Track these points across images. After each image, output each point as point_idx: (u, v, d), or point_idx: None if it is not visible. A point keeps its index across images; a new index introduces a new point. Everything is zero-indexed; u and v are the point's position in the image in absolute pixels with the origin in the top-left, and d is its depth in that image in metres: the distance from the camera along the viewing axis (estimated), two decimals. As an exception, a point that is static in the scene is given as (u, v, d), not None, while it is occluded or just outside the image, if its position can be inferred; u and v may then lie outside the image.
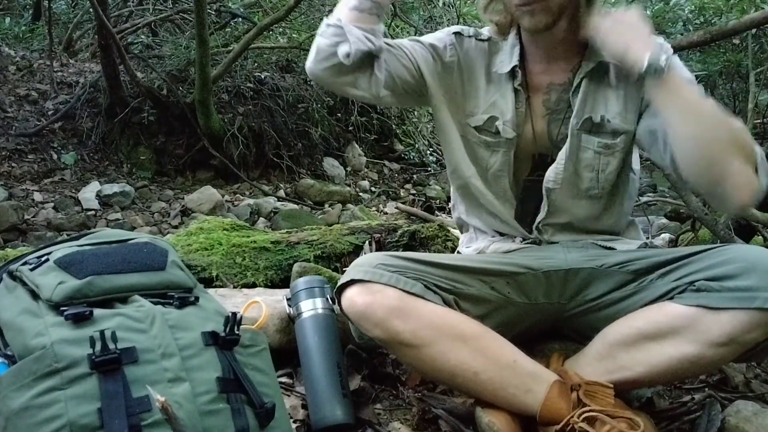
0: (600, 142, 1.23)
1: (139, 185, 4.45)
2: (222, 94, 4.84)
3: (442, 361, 1.11)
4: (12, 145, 4.31)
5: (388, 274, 1.12)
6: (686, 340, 1.06)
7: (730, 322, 1.02)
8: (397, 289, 1.11)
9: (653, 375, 1.11)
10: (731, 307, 1.02)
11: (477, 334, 1.13)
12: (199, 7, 4.01)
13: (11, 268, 1.04)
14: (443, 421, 1.22)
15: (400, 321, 1.10)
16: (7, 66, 5.01)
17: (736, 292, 1.02)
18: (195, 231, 1.88)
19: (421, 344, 1.10)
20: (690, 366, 1.08)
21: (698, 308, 1.05)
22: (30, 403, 0.79)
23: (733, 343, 1.03)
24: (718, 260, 1.08)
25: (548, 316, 1.26)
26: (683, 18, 3.82)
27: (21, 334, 0.88)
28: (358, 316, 1.13)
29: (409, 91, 1.27)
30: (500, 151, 1.27)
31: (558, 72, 1.25)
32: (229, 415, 0.87)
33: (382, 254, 1.20)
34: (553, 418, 1.07)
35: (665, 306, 1.10)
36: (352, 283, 1.13)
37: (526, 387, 1.10)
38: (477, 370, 1.10)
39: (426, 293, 1.13)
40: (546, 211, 1.27)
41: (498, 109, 1.27)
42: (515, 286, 1.22)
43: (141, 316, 0.90)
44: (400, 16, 5.42)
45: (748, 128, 3.08)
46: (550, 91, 1.25)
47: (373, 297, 1.11)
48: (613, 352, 1.13)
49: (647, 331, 1.10)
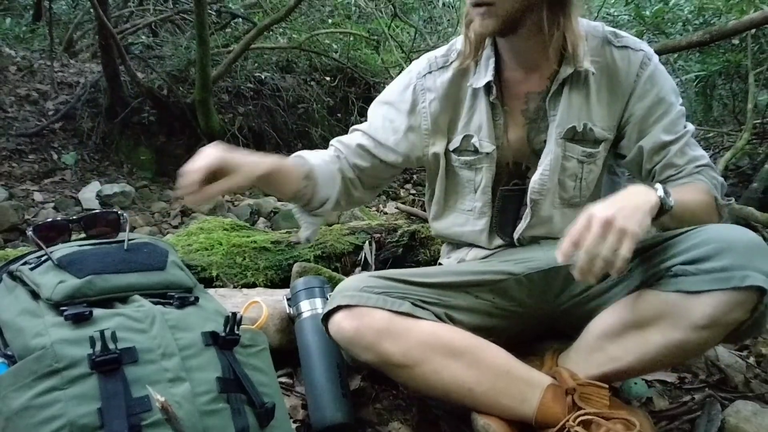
0: (584, 151, 1.23)
1: (140, 185, 4.45)
2: (222, 94, 4.84)
3: (435, 379, 1.10)
4: (12, 145, 4.31)
5: (375, 296, 1.11)
6: (670, 327, 1.05)
7: (710, 304, 1.01)
8: (385, 310, 1.10)
9: (643, 363, 1.11)
10: (709, 290, 1.00)
11: (469, 347, 1.12)
12: (199, 7, 4.01)
13: (11, 268, 1.04)
14: (443, 422, 1.22)
15: (390, 343, 1.09)
16: (8, 66, 5.01)
17: (712, 274, 1.01)
18: (195, 231, 1.88)
19: (413, 364, 1.09)
20: (678, 351, 1.07)
21: (677, 293, 1.04)
22: (30, 403, 0.79)
23: (715, 325, 1.02)
24: (692, 242, 1.06)
25: (539, 316, 1.26)
26: (683, 18, 3.82)
27: (21, 334, 0.88)
28: (347, 342, 1.12)
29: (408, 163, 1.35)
30: (483, 167, 1.27)
31: (535, 80, 1.23)
32: (229, 415, 0.87)
33: (365, 276, 1.19)
34: (549, 423, 1.07)
35: (646, 294, 1.10)
36: (338, 309, 1.12)
37: (521, 396, 1.09)
38: (471, 386, 1.10)
39: (414, 310, 1.13)
40: (528, 221, 1.27)
41: (473, 126, 1.26)
42: (500, 293, 1.22)
43: (141, 316, 0.90)
44: (400, 17, 5.42)
45: (747, 128, 3.05)
46: (529, 100, 1.25)
47: (360, 321, 1.10)
48: (601, 345, 1.13)
49: (632, 321, 1.10)
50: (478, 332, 1.15)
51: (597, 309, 1.17)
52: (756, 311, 1.00)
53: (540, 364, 1.19)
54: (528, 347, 1.26)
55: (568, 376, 1.11)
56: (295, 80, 5.17)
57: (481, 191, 1.28)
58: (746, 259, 0.99)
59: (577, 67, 1.18)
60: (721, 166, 2.95)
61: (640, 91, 1.22)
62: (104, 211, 1.20)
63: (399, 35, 5.63)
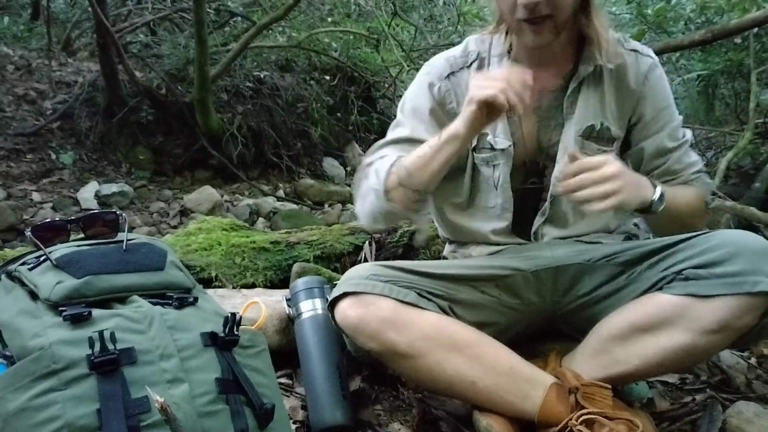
0: (599, 149, 1.24)
1: (138, 185, 4.44)
2: (221, 93, 4.83)
3: (438, 371, 1.10)
4: (10, 145, 4.30)
5: (381, 284, 1.11)
6: (679, 330, 1.05)
7: (720, 308, 1.01)
8: (391, 299, 1.10)
9: (649, 367, 1.11)
10: (721, 294, 1.01)
11: (473, 341, 1.12)
12: (198, 6, 4.00)
13: (9, 268, 1.04)
14: (443, 423, 1.21)
15: (395, 332, 1.09)
16: (6, 65, 5.00)
17: (724, 278, 1.02)
18: (194, 231, 1.87)
19: (417, 355, 1.09)
20: (684, 356, 1.08)
21: (688, 297, 1.05)
22: (28, 404, 0.79)
23: (725, 330, 1.03)
24: (704, 247, 1.08)
25: (543, 315, 1.26)
26: (685, 17, 3.81)
27: (19, 335, 0.87)
28: (352, 330, 1.12)
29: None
30: (500, 164, 1.26)
31: (548, 78, 1.24)
32: (228, 416, 0.86)
33: (372, 265, 1.19)
34: (552, 422, 1.07)
35: (655, 297, 1.10)
36: (344, 296, 1.12)
37: (523, 393, 1.09)
38: (474, 380, 1.10)
39: (420, 301, 1.12)
40: (546, 216, 1.27)
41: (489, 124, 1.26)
42: (505, 288, 1.22)
43: (140, 317, 0.90)
44: (400, 15, 5.41)
45: (749, 128, 3.07)
46: (541, 98, 1.24)
47: (366, 309, 1.10)
48: (607, 347, 1.12)
49: (639, 324, 1.10)
50: (481, 328, 1.15)
51: (603, 311, 1.17)
52: (765, 317, 1.00)
53: (544, 365, 1.19)
54: (531, 349, 1.26)
55: (571, 376, 1.11)
56: (295, 79, 5.17)
57: (501, 188, 1.28)
58: (759, 264, 1.00)
59: (606, 62, 1.20)
60: (723, 165, 2.95)
61: (649, 95, 1.24)
62: (103, 211, 1.20)
63: (399, 34, 5.63)
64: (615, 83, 1.24)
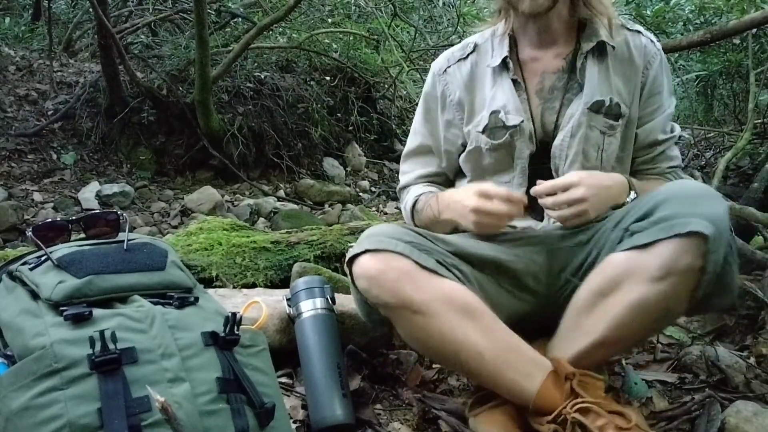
0: (606, 122, 1.27)
1: (139, 185, 4.44)
2: (222, 94, 4.83)
3: (449, 335, 1.10)
4: (12, 145, 4.30)
5: (402, 244, 1.12)
6: (630, 285, 1.07)
7: (660, 254, 1.03)
8: (411, 260, 1.11)
9: (614, 331, 1.10)
10: (657, 239, 1.03)
11: (485, 313, 1.12)
12: (198, 6, 4.00)
13: (11, 268, 1.04)
14: (443, 422, 1.22)
15: (412, 288, 1.09)
16: (7, 66, 5.00)
17: (659, 224, 1.04)
18: (195, 231, 1.88)
19: (431, 314, 1.09)
20: (642, 312, 1.07)
21: (633, 250, 1.07)
22: (30, 403, 0.79)
23: (669, 275, 1.03)
24: (646, 199, 1.12)
25: (541, 302, 1.27)
26: (683, 18, 3.82)
27: (20, 335, 0.88)
28: (369, 282, 1.12)
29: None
30: (516, 141, 1.29)
31: (550, 59, 1.28)
32: (229, 416, 0.87)
33: (393, 225, 1.21)
34: (547, 408, 1.07)
35: (609, 258, 1.12)
36: (364, 252, 1.12)
37: (526, 371, 1.09)
38: (482, 350, 1.09)
39: (438, 268, 1.13)
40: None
41: (498, 102, 1.29)
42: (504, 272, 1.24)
43: (141, 316, 0.90)
44: (400, 17, 5.41)
45: (748, 128, 3.10)
46: (544, 80, 1.29)
47: (386, 264, 1.10)
48: (578, 321, 1.14)
49: (599, 289, 1.11)
50: None
51: None
52: (706, 259, 1.01)
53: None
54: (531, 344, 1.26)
55: (566, 363, 1.11)
56: (295, 80, 5.16)
57: (517, 165, 1.30)
58: (690, 206, 1.03)
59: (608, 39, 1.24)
60: (722, 166, 2.95)
61: (651, 79, 1.29)
62: (104, 211, 1.20)
63: (399, 35, 5.63)
64: (619, 62, 1.27)
